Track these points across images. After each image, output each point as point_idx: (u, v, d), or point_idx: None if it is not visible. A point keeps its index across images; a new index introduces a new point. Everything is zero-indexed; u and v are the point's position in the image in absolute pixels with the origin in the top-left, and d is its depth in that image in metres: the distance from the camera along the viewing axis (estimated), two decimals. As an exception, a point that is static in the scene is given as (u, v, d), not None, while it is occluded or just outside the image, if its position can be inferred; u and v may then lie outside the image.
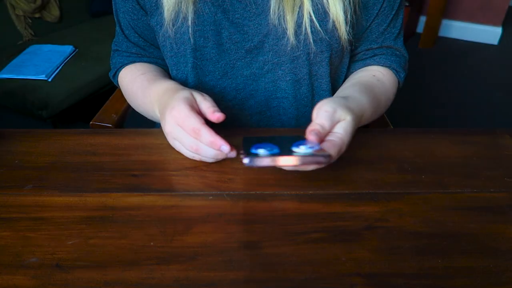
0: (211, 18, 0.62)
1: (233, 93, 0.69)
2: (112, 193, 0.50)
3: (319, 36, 0.61)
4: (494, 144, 0.62)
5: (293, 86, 0.67)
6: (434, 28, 2.68)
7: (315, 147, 0.45)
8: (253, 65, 0.66)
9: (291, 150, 0.45)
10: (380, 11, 0.65)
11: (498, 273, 0.41)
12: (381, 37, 0.68)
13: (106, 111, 0.82)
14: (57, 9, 1.86)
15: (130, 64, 0.72)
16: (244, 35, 0.63)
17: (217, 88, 0.68)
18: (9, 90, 1.50)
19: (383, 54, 0.70)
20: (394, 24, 0.68)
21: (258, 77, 0.67)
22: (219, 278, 0.40)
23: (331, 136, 0.50)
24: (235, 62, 0.66)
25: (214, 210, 0.48)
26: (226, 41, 0.64)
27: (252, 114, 0.71)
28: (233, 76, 0.67)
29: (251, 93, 0.69)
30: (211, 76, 0.67)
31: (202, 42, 0.63)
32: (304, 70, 0.65)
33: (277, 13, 0.60)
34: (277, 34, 0.62)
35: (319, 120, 0.49)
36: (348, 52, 0.68)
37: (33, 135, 0.60)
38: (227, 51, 0.64)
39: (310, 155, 0.44)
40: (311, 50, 0.63)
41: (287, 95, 0.68)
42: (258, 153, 0.44)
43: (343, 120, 0.51)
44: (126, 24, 0.69)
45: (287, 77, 0.66)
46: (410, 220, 0.47)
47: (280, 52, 0.63)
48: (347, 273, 0.41)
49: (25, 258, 0.41)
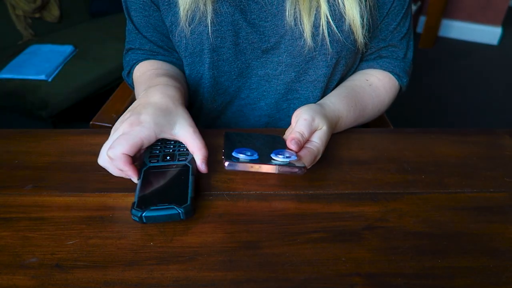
0: (228, 18, 0.61)
1: (246, 92, 0.69)
2: (112, 193, 0.50)
3: (335, 37, 0.61)
4: (494, 144, 0.62)
5: (306, 87, 0.67)
6: (434, 28, 2.68)
7: (292, 157, 0.48)
8: (267, 66, 0.66)
9: (270, 158, 0.48)
10: (390, 10, 0.65)
11: (497, 273, 0.41)
12: (390, 36, 0.69)
13: (106, 111, 0.82)
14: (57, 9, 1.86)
15: (144, 61, 0.70)
16: (260, 36, 0.63)
17: (231, 88, 0.68)
18: (9, 90, 1.50)
19: (387, 57, 0.71)
20: (403, 23, 0.68)
21: (271, 78, 0.67)
22: (219, 278, 0.40)
23: (308, 144, 0.52)
24: (251, 62, 0.66)
25: (214, 210, 0.48)
26: (243, 41, 0.63)
27: (261, 115, 0.71)
28: (247, 76, 0.67)
29: (263, 93, 0.69)
30: (227, 76, 0.67)
31: (220, 42, 0.63)
32: (319, 71, 0.65)
33: (293, 15, 0.60)
34: (293, 35, 0.62)
35: (298, 128, 0.52)
36: (361, 53, 0.69)
37: (33, 135, 0.60)
38: (243, 51, 0.64)
39: (286, 164, 0.47)
40: (328, 52, 0.63)
41: (299, 96, 0.68)
42: (238, 158, 0.47)
43: (319, 129, 0.53)
44: (139, 21, 0.68)
45: (300, 78, 0.67)
46: (410, 220, 0.47)
47: (295, 53, 0.63)
48: (347, 273, 0.41)
49: (25, 258, 0.41)
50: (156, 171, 0.48)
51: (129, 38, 0.71)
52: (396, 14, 0.66)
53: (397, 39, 0.69)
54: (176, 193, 0.45)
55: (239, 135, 0.54)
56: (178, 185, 0.46)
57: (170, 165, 0.49)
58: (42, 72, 1.54)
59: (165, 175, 0.48)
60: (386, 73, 0.71)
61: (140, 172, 0.48)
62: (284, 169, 0.47)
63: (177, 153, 0.51)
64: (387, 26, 0.67)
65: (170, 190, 0.46)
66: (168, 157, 0.50)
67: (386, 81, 0.70)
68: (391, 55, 0.70)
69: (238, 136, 0.53)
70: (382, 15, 0.65)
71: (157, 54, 0.70)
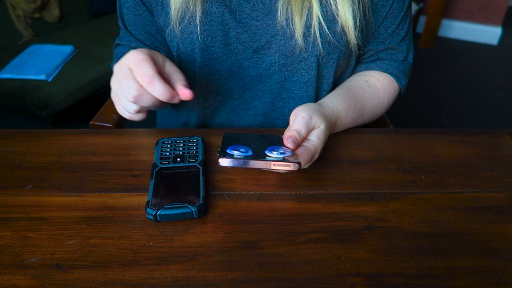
0: (218, 18, 0.61)
1: (239, 92, 0.69)
2: (112, 193, 0.50)
3: (327, 38, 0.62)
4: (494, 144, 0.62)
5: (299, 87, 0.67)
6: (434, 28, 2.68)
7: (287, 153, 0.48)
8: (259, 66, 0.66)
9: (264, 154, 0.48)
10: (389, 13, 0.65)
11: (498, 273, 0.41)
12: (389, 39, 0.69)
13: (106, 111, 0.82)
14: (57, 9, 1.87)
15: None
16: (251, 35, 0.63)
17: (223, 87, 0.68)
18: (9, 90, 1.50)
19: (386, 59, 0.71)
20: (402, 26, 0.68)
21: (264, 78, 0.67)
22: (219, 278, 0.40)
23: (306, 142, 0.52)
24: (242, 62, 0.66)
25: (214, 210, 0.48)
26: (234, 41, 0.63)
27: (256, 115, 0.71)
28: (239, 76, 0.67)
29: (257, 93, 0.69)
30: (218, 76, 0.67)
31: (210, 42, 0.63)
32: (312, 72, 0.65)
33: (284, 15, 0.60)
34: (285, 35, 0.62)
35: (295, 126, 0.51)
36: (355, 55, 0.69)
37: (33, 135, 0.60)
38: (234, 50, 0.64)
39: (280, 160, 0.47)
40: (320, 52, 0.63)
41: (293, 96, 0.69)
42: (232, 154, 0.46)
43: (317, 127, 0.53)
44: (129, 19, 0.69)
45: (293, 77, 0.67)
46: (410, 220, 0.47)
47: (287, 53, 0.64)
48: (347, 273, 0.41)
49: (25, 258, 0.41)
50: (167, 172, 0.50)
51: (120, 34, 0.73)
52: (395, 17, 0.66)
53: (396, 41, 0.69)
54: (189, 193, 0.47)
55: (238, 134, 0.54)
56: (190, 185, 0.48)
57: (180, 167, 0.51)
58: (42, 72, 1.54)
59: (177, 176, 0.50)
60: (385, 74, 0.71)
61: (152, 173, 0.50)
62: (278, 164, 0.46)
63: (187, 155, 0.53)
64: (386, 29, 0.67)
65: (183, 190, 0.48)
66: (178, 159, 0.52)
67: (385, 82, 0.70)
68: (390, 57, 0.71)
69: (236, 135, 0.54)
70: (380, 17, 0.65)
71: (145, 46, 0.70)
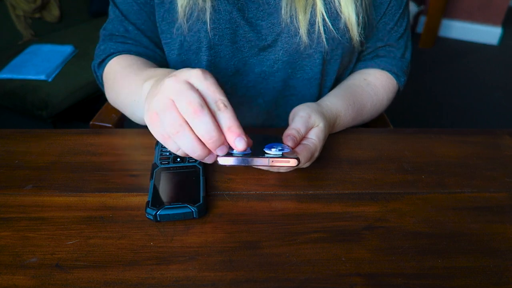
0: (226, 16, 0.61)
1: (243, 90, 0.69)
2: (112, 193, 0.50)
3: (331, 35, 0.62)
4: (494, 144, 0.62)
5: (302, 84, 0.68)
6: (434, 28, 2.68)
7: (285, 149, 0.47)
8: (264, 63, 0.66)
9: (263, 152, 0.47)
10: (388, 10, 0.66)
11: (498, 273, 0.41)
12: (387, 36, 0.69)
13: (106, 111, 0.82)
14: (57, 9, 1.87)
15: (126, 53, 0.64)
16: (257, 34, 0.63)
17: (227, 85, 0.68)
18: (9, 90, 1.50)
19: (384, 57, 0.71)
20: (401, 23, 0.69)
21: (268, 76, 0.67)
22: (219, 278, 0.40)
23: (305, 141, 0.52)
24: (248, 59, 0.66)
25: (214, 210, 0.48)
26: (241, 39, 0.64)
27: (259, 112, 0.71)
28: (244, 73, 0.67)
29: (261, 91, 0.69)
30: (223, 73, 0.67)
31: (218, 40, 0.63)
32: (315, 69, 0.66)
33: (288, 13, 0.61)
34: (289, 33, 0.62)
35: (294, 125, 0.51)
36: (357, 52, 0.69)
37: (33, 135, 0.60)
38: (240, 49, 0.64)
39: (279, 157, 0.46)
40: (324, 49, 0.63)
41: (296, 93, 0.69)
42: (231, 153, 0.46)
43: (316, 126, 0.53)
44: (129, 8, 0.64)
45: (297, 75, 0.67)
46: (410, 220, 0.47)
47: (291, 50, 0.64)
48: (347, 273, 0.41)
49: (25, 258, 0.41)
50: (167, 172, 0.50)
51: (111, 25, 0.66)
52: (393, 14, 0.66)
53: (395, 39, 0.69)
54: (189, 193, 0.47)
55: None
56: (190, 185, 0.48)
57: (180, 167, 0.51)
58: (42, 72, 1.54)
59: (177, 176, 0.50)
60: (384, 72, 0.71)
61: (152, 173, 0.50)
62: (277, 161, 0.46)
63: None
64: (384, 26, 0.67)
65: (183, 190, 0.48)
66: (178, 159, 0.52)
67: (384, 79, 0.70)
68: (388, 54, 0.71)
69: None
70: (379, 15, 0.65)
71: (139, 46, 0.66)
